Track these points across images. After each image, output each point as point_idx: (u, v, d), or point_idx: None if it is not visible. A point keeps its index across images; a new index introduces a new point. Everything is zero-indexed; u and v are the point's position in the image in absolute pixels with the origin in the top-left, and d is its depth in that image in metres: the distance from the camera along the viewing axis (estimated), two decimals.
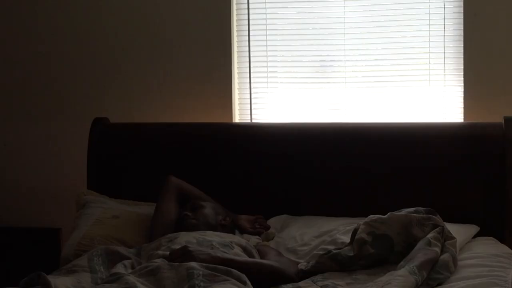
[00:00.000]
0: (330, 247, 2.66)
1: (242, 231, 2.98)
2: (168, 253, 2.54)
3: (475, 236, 2.90)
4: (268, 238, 2.96)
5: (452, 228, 2.68)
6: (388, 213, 2.62)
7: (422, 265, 2.33)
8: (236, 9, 3.68)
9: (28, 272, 2.39)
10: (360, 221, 2.65)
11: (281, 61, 3.70)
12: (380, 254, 2.54)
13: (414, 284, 2.24)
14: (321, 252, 2.63)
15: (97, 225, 3.01)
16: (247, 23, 3.66)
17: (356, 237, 2.56)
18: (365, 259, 2.54)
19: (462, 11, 3.38)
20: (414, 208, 2.67)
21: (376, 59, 3.55)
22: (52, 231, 3.84)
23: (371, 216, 2.63)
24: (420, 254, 2.39)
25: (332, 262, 2.55)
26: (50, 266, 3.13)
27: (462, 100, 3.42)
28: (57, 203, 3.86)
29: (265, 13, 3.66)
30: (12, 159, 3.97)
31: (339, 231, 2.81)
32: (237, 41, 3.69)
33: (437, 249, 2.44)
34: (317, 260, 2.57)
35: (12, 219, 3.91)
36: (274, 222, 3.09)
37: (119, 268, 2.44)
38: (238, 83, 3.71)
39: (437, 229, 2.54)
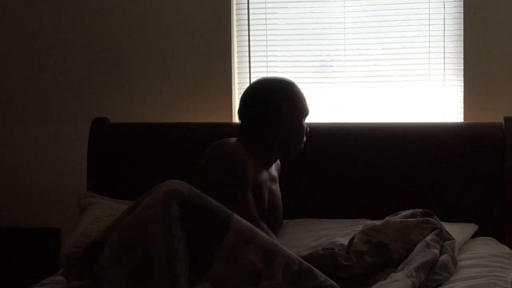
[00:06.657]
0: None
1: None
2: None
3: (475, 236, 2.90)
4: None
5: (451, 227, 2.68)
6: (384, 219, 2.59)
7: (419, 267, 2.32)
8: (236, 9, 3.68)
9: (28, 272, 2.39)
10: (358, 224, 2.63)
11: (281, 61, 3.70)
12: (378, 263, 2.51)
13: (411, 286, 2.22)
14: (321, 252, 2.59)
15: (94, 223, 3.00)
16: (247, 23, 3.66)
17: (352, 248, 2.50)
18: (363, 268, 2.50)
19: (462, 11, 3.38)
20: (411, 211, 2.66)
21: (376, 59, 3.55)
22: (52, 231, 3.84)
23: (366, 224, 2.60)
24: (418, 257, 2.38)
25: (331, 260, 2.49)
26: (50, 266, 3.14)
27: (462, 100, 3.42)
28: (57, 203, 3.85)
29: (265, 13, 3.66)
30: (12, 159, 3.97)
31: (338, 234, 2.77)
32: (237, 41, 3.69)
33: (436, 251, 2.44)
34: (316, 250, 2.48)
35: (12, 219, 3.91)
36: None
37: None
38: (238, 83, 3.71)
39: (436, 231, 2.54)
